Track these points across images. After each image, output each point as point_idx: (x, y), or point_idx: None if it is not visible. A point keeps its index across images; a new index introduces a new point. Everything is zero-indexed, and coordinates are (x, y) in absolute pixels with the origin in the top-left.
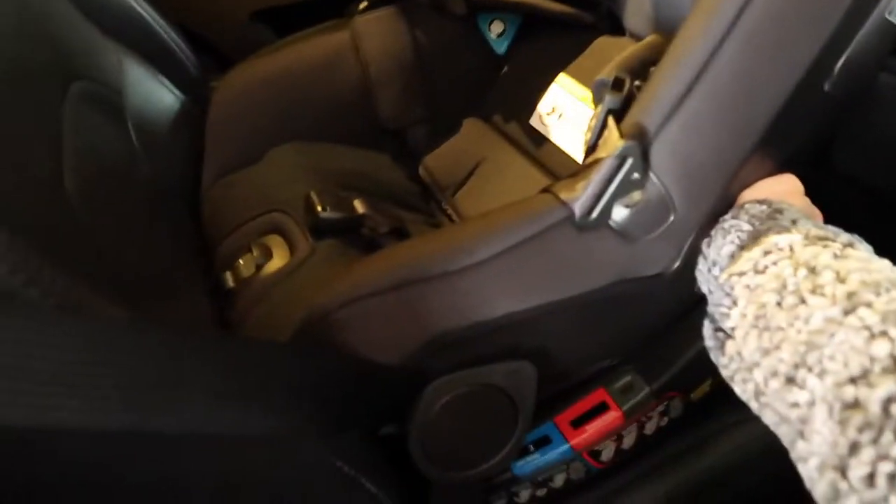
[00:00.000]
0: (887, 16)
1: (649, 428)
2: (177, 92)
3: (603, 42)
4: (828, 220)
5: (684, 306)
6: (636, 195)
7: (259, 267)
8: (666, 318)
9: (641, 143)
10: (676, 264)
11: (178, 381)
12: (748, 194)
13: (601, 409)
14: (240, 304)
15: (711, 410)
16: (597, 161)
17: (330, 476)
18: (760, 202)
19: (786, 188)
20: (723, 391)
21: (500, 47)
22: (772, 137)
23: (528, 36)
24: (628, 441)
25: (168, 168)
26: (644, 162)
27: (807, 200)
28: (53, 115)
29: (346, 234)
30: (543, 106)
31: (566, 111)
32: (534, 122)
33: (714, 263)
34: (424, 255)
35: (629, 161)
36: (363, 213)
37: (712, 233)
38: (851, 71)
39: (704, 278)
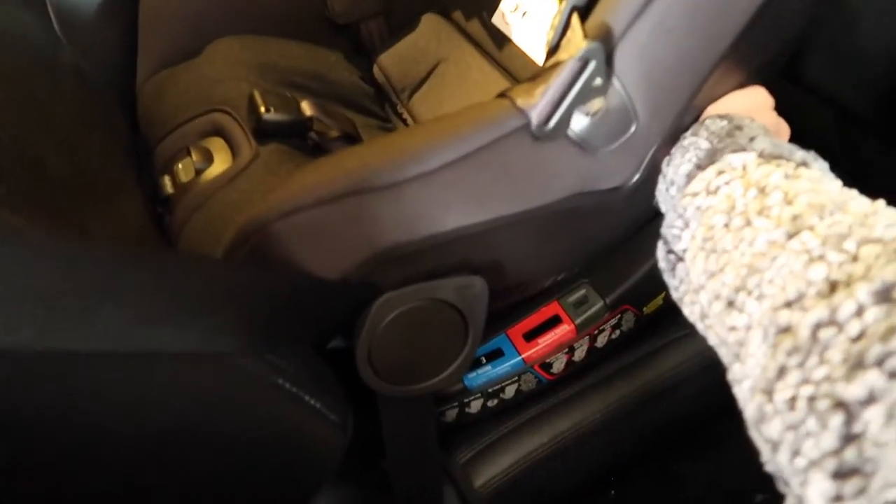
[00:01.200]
0: None
1: (601, 341)
2: None
3: None
4: (794, 133)
5: (641, 220)
6: (597, 103)
7: (199, 172)
8: (622, 232)
9: (606, 44)
10: (635, 178)
11: (95, 298)
12: (713, 109)
13: (554, 322)
14: (178, 211)
15: (661, 324)
16: (557, 64)
17: (270, 393)
18: (722, 118)
19: (755, 102)
20: (674, 305)
21: None
22: (744, 43)
23: None
24: (579, 353)
25: (97, 60)
26: (608, 66)
27: (774, 115)
28: None
29: (292, 137)
30: (506, 2)
31: (531, 9)
32: (496, 20)
33: (672, 183)
34: (370, 164)
35: (592, 64)
36: (311, 116)
37: (672, 151)
38: None
39: (663, 198)
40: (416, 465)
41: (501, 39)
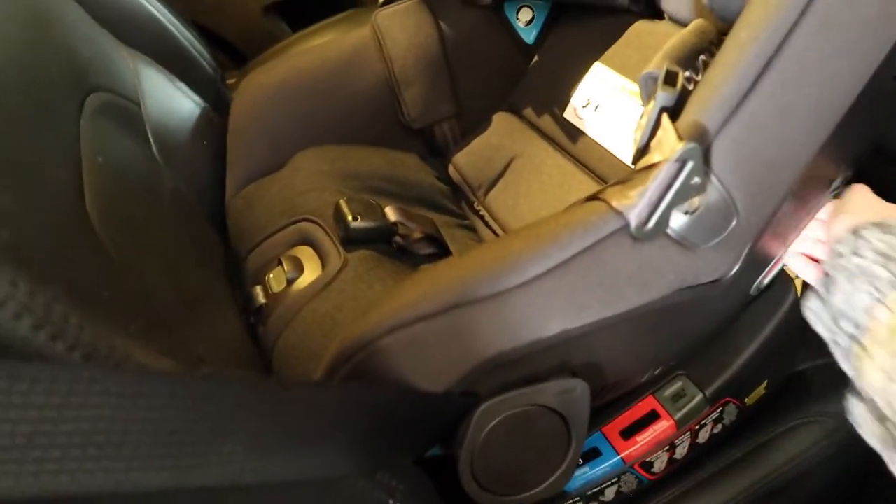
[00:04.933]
0: None
1: (702, 436)
2: (196, 98)
3: (640, 27)
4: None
5: (739, 310)
6: (696, 201)
7: (290, 281)
8: (719, 322)
9: (702, 143)
10: (735, 269)
11: (218, 433)
12: (837, 218)
13: (651, 417)
14: (272, 321)
15: (766, 415)
16: (652, 165)
17: None
18: (880, 227)
19: (863, 195)
20: (777, 394)
21: (530, 36)
22: (841, 133)
23: (558, 23)
24: (681, 450)
25: (191, 179)
26: (705, 164)
27: (881, 201)
28: (70, 132)
29: (378, 242)
30: (578, 98)
31: (602, 103)
32: (568, 115)
33: (842, 315)
34: (471, 276)
35: (689, 165)
36: (395, 221)
37: (827, 269)
38: None
39: (827, 327)
40: None
41: (573, 133)
